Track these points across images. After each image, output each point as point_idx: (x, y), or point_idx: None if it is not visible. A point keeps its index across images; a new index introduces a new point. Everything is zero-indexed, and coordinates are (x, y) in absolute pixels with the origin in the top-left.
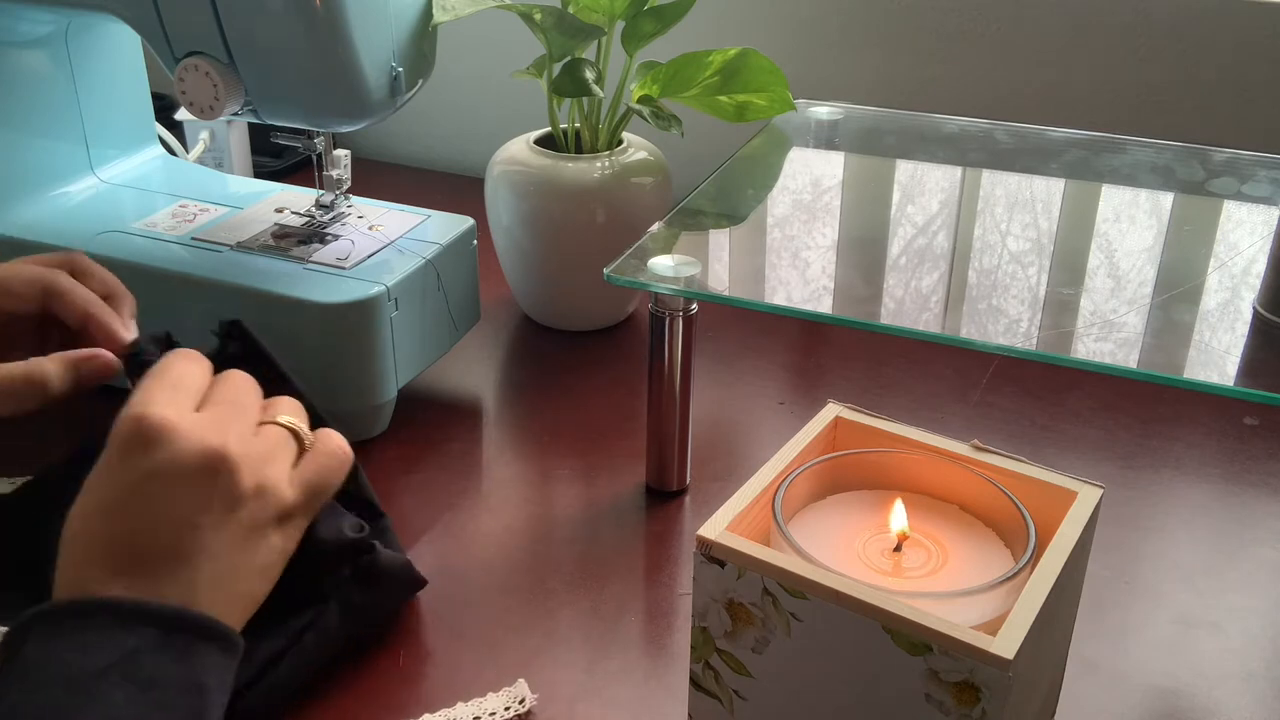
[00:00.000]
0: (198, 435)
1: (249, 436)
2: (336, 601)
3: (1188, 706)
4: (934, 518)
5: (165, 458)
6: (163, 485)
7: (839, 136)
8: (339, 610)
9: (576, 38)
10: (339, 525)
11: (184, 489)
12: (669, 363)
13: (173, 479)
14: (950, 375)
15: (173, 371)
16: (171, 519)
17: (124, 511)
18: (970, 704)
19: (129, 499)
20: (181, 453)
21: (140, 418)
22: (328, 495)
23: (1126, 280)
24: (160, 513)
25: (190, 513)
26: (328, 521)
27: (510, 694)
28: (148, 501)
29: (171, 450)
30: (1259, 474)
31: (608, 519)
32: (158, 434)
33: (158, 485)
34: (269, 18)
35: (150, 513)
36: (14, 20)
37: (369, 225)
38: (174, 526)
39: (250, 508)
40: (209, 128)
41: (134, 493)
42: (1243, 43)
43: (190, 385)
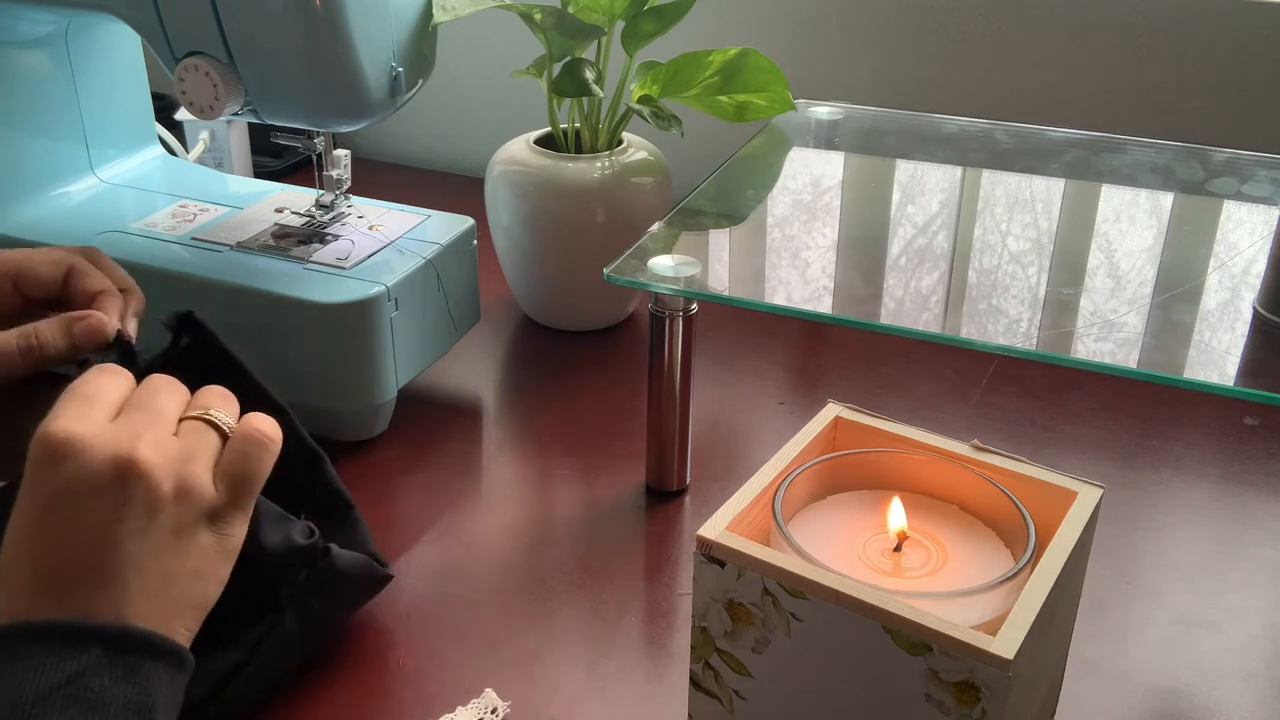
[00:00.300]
0: (104, 445)
1: (163, 439)
2: (293, 610)
3: (1188, 706)
4: (934, 518)
5: (73, 472)
6: (74, 500)
7: (839, 136)
8: (296, 619)
9: (576, 38)
10: (287, 532)
11: (96, 501)
12: (669, 363)
13: (83, 493)
14: (950, 375)
15: (86, 387)
16: (91, 534)
17: (44, 533)
18: (970, 704)
19: (43, 520)
20: (89, 465)
21: (44, 435)
22: (256, 483)
23: (1126, 280)
24: (79, 529)
25: (106, 525)
26: (276, 529)
27: (480, 705)
28: (61, 520)
29: (79, 464)
30: (1259, 474)
31: (608, 519)
32: (63, 449)
33: (69, 501)
34: (269, 18)
35: (67, 530)
36: (14, 20)
37: (369, 225)
38: (92, 541)
39: (171, 511)
40: (209, 128)
41: (46, 512)
42: (1243, 43)
43: (104, 398)
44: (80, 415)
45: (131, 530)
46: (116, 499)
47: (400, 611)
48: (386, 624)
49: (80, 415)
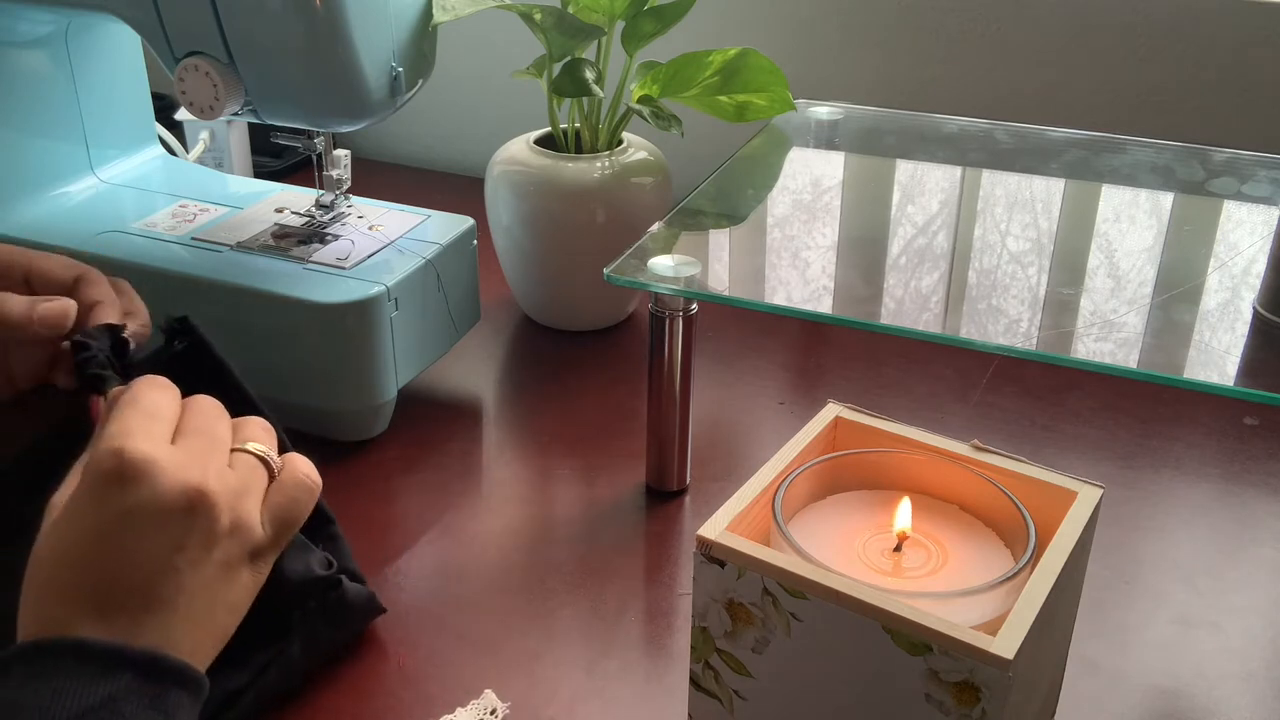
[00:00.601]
0: (178, 473)
1: (225, 470)
2: (300, 636)
3: (1188, 706)
4: (934, 518)
5: (146, 496)
6: (143, 524)
7: (839, 136)
8: (302, 644)
9: (576, 38)
10: (308, 561)
11: (164, 528)
12: (669, 363)
13: (153, 518)
14: (950, 375)
15: (147, 400)
16: (150, 559)
17: (102, 550)
18: (970, 704)
19: (107, 537)
20: (163, 491)
21: (121, 452)
22: (297, 527)
23: (1126, 280)
24: (139, 552)
25: (169, 553)
26: (296, 558)
27: (479, 706)
28: (126, 540)
29: (152, 488)
30: (1259, 474)
31: (608, 519)
32: (138, 471)
33: (138, 524)
34: (269, 18)
35: (129, 552)
36: (14, 20)
37: (369, 225)
38: (153, 567)
39: (225, 546)
40: (209, 128)
41: (113, 531)
42: (1243, 43)
43: (165, 415)
44: (150, 434)
45: (190, 560)
46: (183, 529)
47: (400, 611)
48: (386, 624)
49: (150, 434)
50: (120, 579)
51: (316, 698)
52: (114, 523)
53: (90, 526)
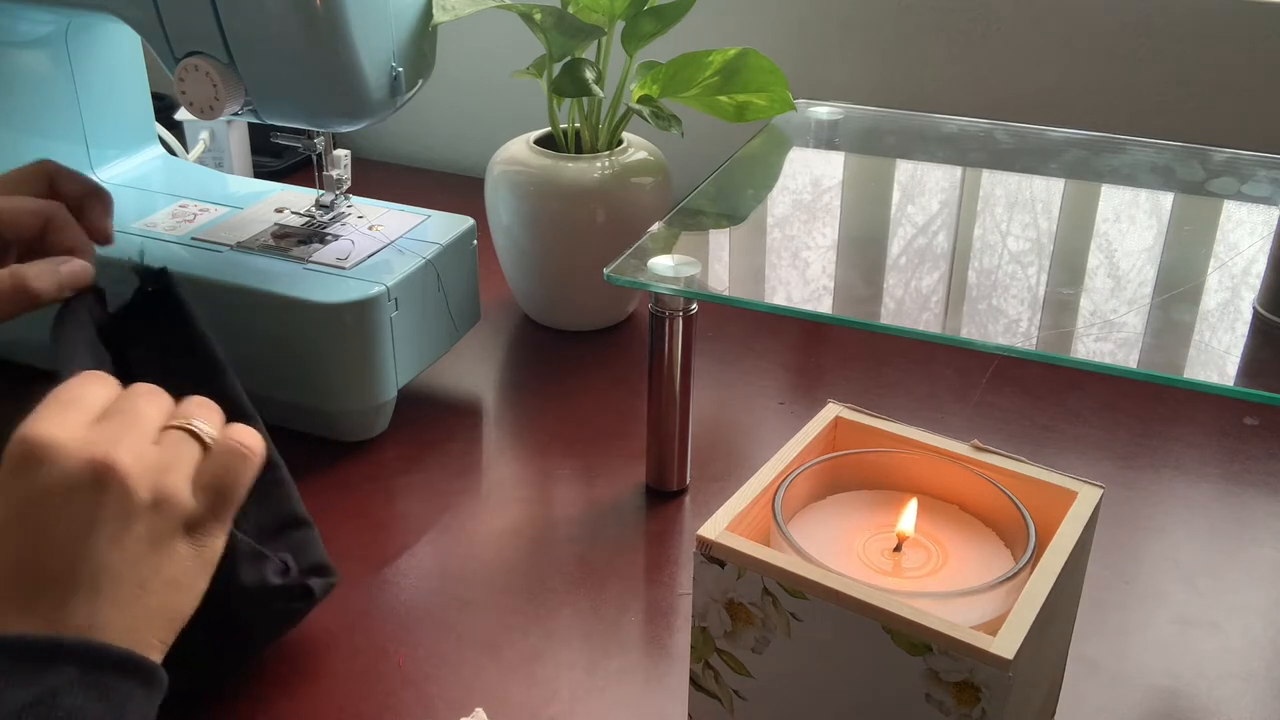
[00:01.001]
0: (83, 449)
1: (143, 446)
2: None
3: (1188, 706)
4: (934, 518)
5: (52, 475)
6: (50, 504)
7: (839, 136)
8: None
9: (576, 38)
10: (262, 571)
11: (71, 506)
12: (669, 363)
13: (59, 497)
14: (950, 375)
15: (69, 392)
16: (64, 539)
17: (14, 537)
18: (970, 704)
19: (15, 523)
20: (64, 468)
21: (20, 437)
22: (237, 495)
23: (1126, 280)
24: (52, 534)
25: (81, 531)
26: (251, 568)
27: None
28: (34, 524)
29: (55, 467)
30: (1259, 474)
31: (608, 519)
32: (40, 452)
33: (45, 505)
34: (269, 18)
35: (41, 535)
36: (14, 20)
37: (369, 225)
38: (66, 547)
39: (148, 519)
40: (209, 128)
41: (19, 516)
42: (1243, 43)
43: (85, 404)
44: (59, 419)
45: (107, 537)
46: (93, 504)
47: (400, 611)
48: (386, 624)
49: (59, 419)
50: (36, 564)
51: (316, 697)
52: (23, 507)
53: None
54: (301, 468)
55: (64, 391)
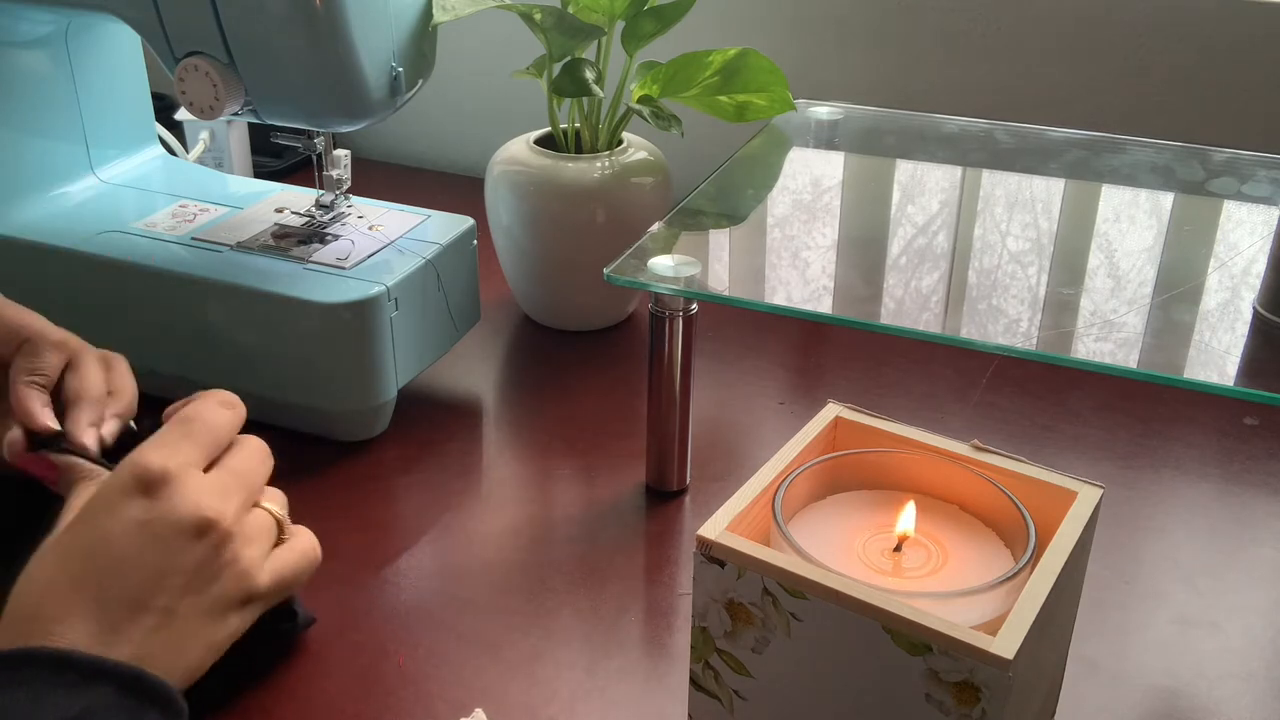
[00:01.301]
0: (197, 496)
1: (244, 513)
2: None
3: (1188, 706)
4: (934, 518)
5: (164, 509)
6: (151, 535)
7: (839, 136)
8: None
9: (576, 38)
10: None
11: (170, 545)
12: (669, 363)
13: (162, 531)
14: (950, 375)
15: (194, 421)
16: (150, 570)
17: (106, 550)
18: (970, 704)
19: (115, 540)
20: (178, 510)
21: (145, 465)
22: (292, 591)
23: (1126, 280)
24: (141, 561)
25: (170, 570)
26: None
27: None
28: (132, 547)
29: (169, 504)
30: (1259, 474)
31: (608, 519)
32: (158, 484)
33: (146, 534)
34: (269, 18)
35: (133, 559)
36: (14, 20)
37: (369, 225)
38: (151, 578)
39: (225, 583)
40: (209, 128)
41: (122, 536)
42: (1243, 43)
43: (207, 440)
44: (180, 453)
45: (187, 585)
46: (188, 551)
47: (400, 611)
48: (386, 624)
49: (180, 453)
50: (117, 582)
51: (316, 697)
52: (127, 528)
53: (103, 528)
54: (301, 468)
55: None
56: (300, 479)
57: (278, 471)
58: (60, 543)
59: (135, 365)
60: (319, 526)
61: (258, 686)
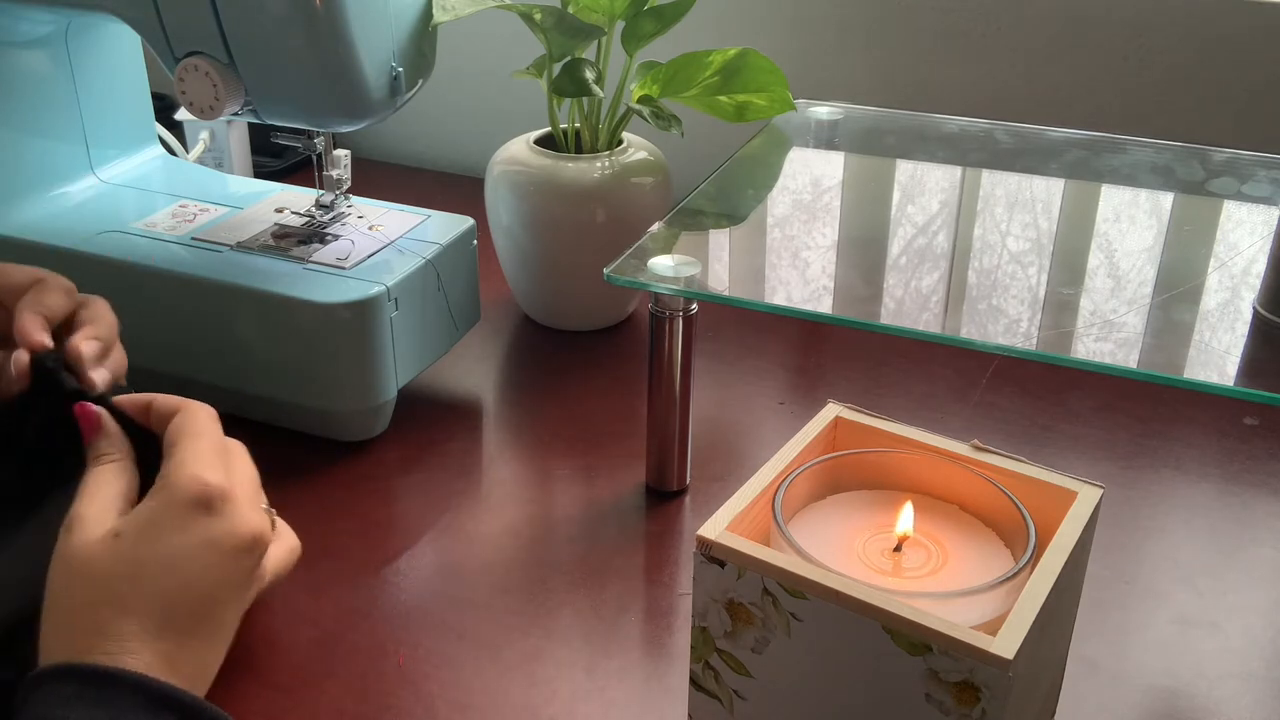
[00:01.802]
0: (250, 513)
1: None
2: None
3: (1188, 706)
4: (934, 518)
5: (225, 529)
6: (216, 555)
7: (839, 136)
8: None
9: (576, 38)
10: None
11: (229, 562)
12: (669, 363)
13: (225, 551)
14: (950, 375)
15: (213, 434)
16: (212, 589)
17: (173, 570)
18: (970, 704)
19: (184, 559)
20: (238, 527)
21: (207, 484)
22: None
23: (1126, 280)
24: (204, 579)
25: (226, 586)
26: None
27: None
28: (196, 566)
29: (230, 523)
30: (1259, 474)
31: (608, 519)
32: (220, 502)
33: (212, 554)
34: (269, 18)
35: (195, 578)
36: (14, 20)
37: (369, 225)
38: (211, 596)
39: (255, 590)
40: (209, 128)
41: (188, 555)
42: (1243, 43)
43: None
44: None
45: (236, 597)
46: (241, 567)
47: (400, 611)
48: (386, 624)
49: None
50: (185, 602)
51: (316, 697)
52: (193, 548)
53: (168, 547)
54: (301, 468)
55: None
56: (300, 479)
57: (278, 472)
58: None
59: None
60: (319, 526)
61: (257, 686)
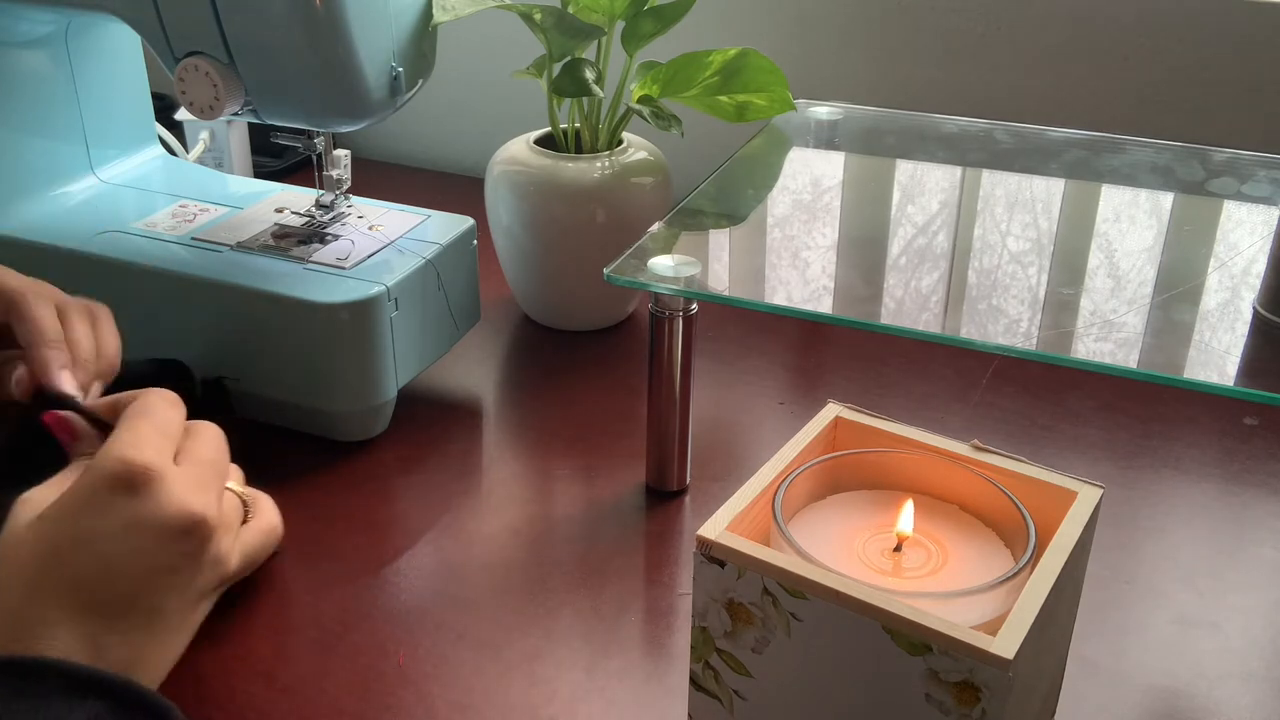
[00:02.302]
0: (184, 494)
1: (221, 502)
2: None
3: (1188, 706)
4: (934, 518)
5: (150, 510)
6: (141, 537)
7: (839, 136)
8: None
9: (576, 38)
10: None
11: (160, 545)
12: (669, 363)
13: (152, 532)
14: (950, 375)
15: (160, 415)
16: (137, 571)
17: (96, 553)
18: (970, 704)
19: (104, 541)
20: (167, 509)
21: (131, 462)
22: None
23: (1126, 280)
24: (131, 563)
25: (159, 570)
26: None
27: None
28: (121, 549)
29: (158, 503)
30: (1259, 474)
31: (608, 519)
32: (147, 483)
33: (136, 535)
34: (269, 18)
35: (121, 561)
36: (14, 20)
37: (369, 225)
38: (141, 580)
39: (206, 576)
40: (209, 128)
41: (110, 537)
42: (1243, 43)
43: (173, 433)
44: (160, 450)
45: (175, 583)
46: (175, 550)
47: (400, 611)
48: (386, 624)
49: (160, 450)
50: (102, 584)
51: (316, 697)
52: (113, 530)
53: (87, 529)
54: (301, 468)
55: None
56: (300, 479)
57: (278, 472)
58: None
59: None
60: (319, 527)
61: (257, 686)
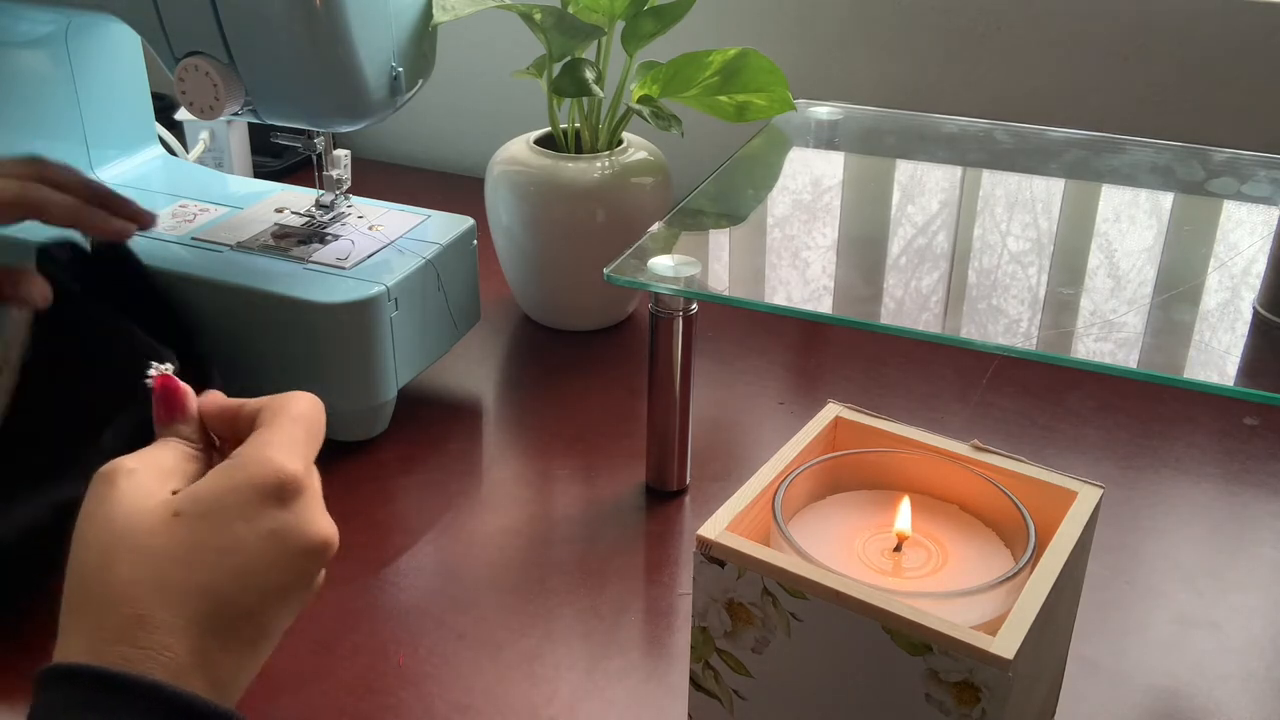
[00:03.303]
0: (323, 517)
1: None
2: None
3: (1188, 706)
4: (934, 518)
5: (293, 522)
6: (280, 548)
7: (839, 136)
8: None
9: (576, 38)
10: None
11: (293, 560)
12: (669, 363)
13: (290, 549)
14: (950, 375)
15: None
16: (272, 585)
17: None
18: (970, 704)
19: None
20: (309, 523)
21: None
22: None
23: (1126, 280)
24: (266, 576)
25: (285, 586)
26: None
27: None
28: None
29: (301, 519)
30: (1259, 474)
31: (608, 519)
32: (297, 494)
33: (276, 550)
34: (269, 18)
35: (258, 572)
36: (14, 20)
37: (369, 225)
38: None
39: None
40: (209, 128)
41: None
42: (1243, 43)
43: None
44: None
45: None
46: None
47: (400, 611)
48: (386, 624)
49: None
50: (237, 597)
51: (316, 697)
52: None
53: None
54: None
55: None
56: None
57: None
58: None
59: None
60: None
61: (257, 686)
